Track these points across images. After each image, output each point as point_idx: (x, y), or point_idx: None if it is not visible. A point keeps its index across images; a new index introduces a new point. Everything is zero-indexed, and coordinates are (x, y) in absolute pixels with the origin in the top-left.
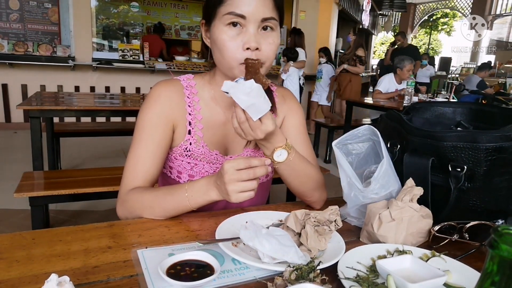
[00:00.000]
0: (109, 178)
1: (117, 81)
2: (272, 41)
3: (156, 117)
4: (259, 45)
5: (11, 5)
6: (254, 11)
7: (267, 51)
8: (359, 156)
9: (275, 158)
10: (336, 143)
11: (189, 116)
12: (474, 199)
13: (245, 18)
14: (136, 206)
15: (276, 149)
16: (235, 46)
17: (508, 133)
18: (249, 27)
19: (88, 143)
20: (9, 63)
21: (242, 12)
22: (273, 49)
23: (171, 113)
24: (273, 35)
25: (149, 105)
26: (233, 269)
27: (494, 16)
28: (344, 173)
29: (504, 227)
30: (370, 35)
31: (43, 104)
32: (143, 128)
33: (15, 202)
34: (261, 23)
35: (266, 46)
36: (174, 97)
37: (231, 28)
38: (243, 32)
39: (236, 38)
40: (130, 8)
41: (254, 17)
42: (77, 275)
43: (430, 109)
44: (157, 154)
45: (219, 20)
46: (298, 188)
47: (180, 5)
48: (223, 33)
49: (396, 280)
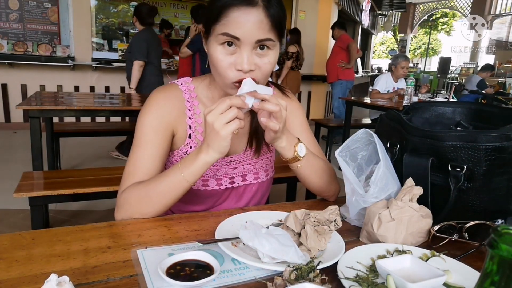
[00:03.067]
0: (108, 178)
1: (117, 81)
2: (267, 61)
3: (156, 122)
4: (252, 67)
5: (10, 5)
6: (248, 33)
7: (261, 71)
8: (365, 158)
9: (299, 153)
10: (338, 152)
11: (189, 120)
12: (473, 199)
13: (239, 40)
14: (133, 201)
15: (296, 145)
16: (227, 66)
17: (508, 133)
18: (243, 49)
19: (88, 143)
20: (9, 63)
21: (235, 34)
22: (268, 68)
23: (171, 118)
24: (270, 54)
25: (148, 111)
26: (232, 269)
27: (493, 16)
28: (348, 180)
29: (503, 227)
30: (370, 35)
31: (43, 104)
32: (142, 133)
33: (15, 202)
34: (255, 44)
35: (261, 65)
36: (173, 102)
37: (225, 47)
38: (237, 53)
39: (230, 58)
40: (130, 7)
41: (248, 39)
42: (77, 275)
43: (429, 109)
44: (156, 158)
45: (214, 38)
46: (317, 184)
47: (180, 5)
48: (217, 52)
49: (396, 280)
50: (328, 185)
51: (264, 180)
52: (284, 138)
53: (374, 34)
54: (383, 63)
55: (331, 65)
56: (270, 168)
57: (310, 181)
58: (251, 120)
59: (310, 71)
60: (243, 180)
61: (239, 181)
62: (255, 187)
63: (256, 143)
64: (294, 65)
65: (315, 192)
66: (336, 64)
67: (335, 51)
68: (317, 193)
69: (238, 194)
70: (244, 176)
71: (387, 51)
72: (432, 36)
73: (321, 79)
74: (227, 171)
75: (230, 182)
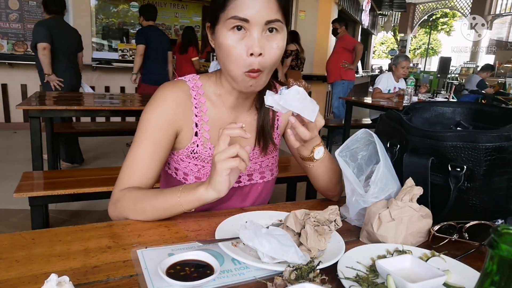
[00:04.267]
0: (108, 178)
1: (117, 81)
2: (276, 45)
3: (160, 119)
4: (262, 50)
5: (10, 5)
6: (257, 14)
7: (270, 56)
8: (365, 158)
9: (315, 156)
10: (338, 152)
11: (196, 117)
12: (473, 199)
13: (248, 22)
14: (127, 204)
15: (316, 148)
16: (239, 52)
17: (508, 133)
18: (253, 31)
19: (88, 143)
20: (9, 63)
21: (245, 16)
22: (277, 54)
23: (176, 116)
24: (278, 37)
25: (154, 106)
26: (232, 269)
27: (493, 16)
28: (348, 180)
29: (503, 227)
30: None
31: (43, 104)
32: (145, 129)
33: (15, 202)
34: (265, 26)
35: (270, 50)
36: (180, 99)
37: (235, 32)
38: (247, 36)
39: (241, 43)
40: (130, 8)
41: (257, 20)
42: (77, 275)
43: (429, 109)
44: (156, 157)
45: (223, 24)
46: (326, 184)
47: (180, 5)
48: (227, 38)
49: (396, 280)
50: (334, 185)
51: (269, 179)
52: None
53: (374, 34)
54: (383, 63)
55: (332, 64)
56: (275, 167)
57: (318, 179)
58: (258, 118)
59: (310, 71)
60: (249, 179)
61: (245, 181)
62: (260, 187)
63: (263, 141)
64: (294, 64)
65: (320, 190)
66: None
67: (337, 51)
68: (321, 192)
69: (244, 194)
70: (250, 176)
71: (387, 51)
72: (432, 36)
73: (321, 79)
74: None
75: (236, 181)
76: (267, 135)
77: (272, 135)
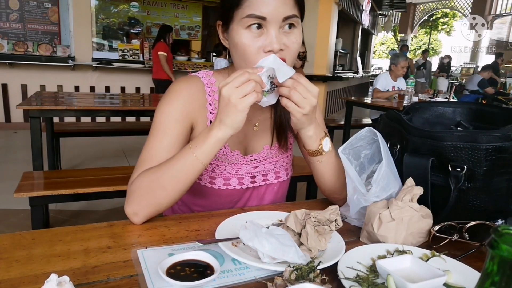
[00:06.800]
0: (109, 178)
1: (117, 81)
2: (294, 40)
3: (175, 113)
4: (282, 46)
5: (11, 5)
6: (274, 11)
7: (289, 51)
8: (367, 157)
9: (323, 147)
10: (342, 149)
11: (210, 115)
12: (474, 199)
13: (265, 20)
14: (144, 190)
15: (323, 139)
16: (256, 50)
17: (508, 133)
18: (270, 29)
19: (88, 143)
20: (9, 63)
21: (262, 14)
22: (295, 48)
23: (191, 111)
24: (296, 33)
25: (169, 100)
26: (233, 269)
27: (494, 16)
28: (350, 178)
29: (504, 227)
30: (370, 35)
31: (43, 104)
32: (160, 122)
33: (15, 202)
34: (282, 22)
35: (290, 46)
36: (195, 94)
37: (251, 30)
38: (264, 34)
39: (257, 41)
40: (130, 8)
41: (275, 17)
42: (77, 275)
43: (430, 109)
44: (172, 150)
45: (238, 23)
46: (332, 183)
47: (180, 5)
48: (243, 37)
49: (396, 280)
50: (342, 187)
51: (285, 179)
52: (312, 128)
53: (374, 34)
54: (383, 63)
55: None
56: (290, 167)
57: (326, 178)
58: (274, 116)
59: (311, 71)
60: (264, 179)
61: (260, 181)
62: (276, 187)
63: (283, 138)
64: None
65: (326, 192)
66: None
67: None
68: (327, 194)
69: (260, 195)
70: (266, 176)
71: (387, 51)
72: (432, 36)
73: (321, 79)
74: (248, 170)
75: (251, 181)
76: (286, 131)
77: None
